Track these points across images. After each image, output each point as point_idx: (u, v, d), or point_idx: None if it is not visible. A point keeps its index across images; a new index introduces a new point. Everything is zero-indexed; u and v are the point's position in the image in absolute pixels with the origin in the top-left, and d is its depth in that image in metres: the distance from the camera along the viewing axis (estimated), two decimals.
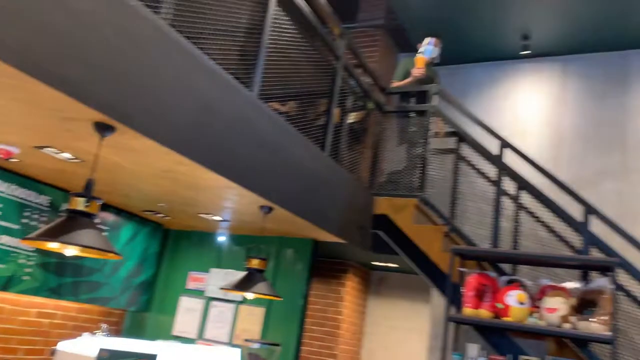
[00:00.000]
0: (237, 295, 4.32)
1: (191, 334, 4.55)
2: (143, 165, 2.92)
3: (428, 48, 5.00)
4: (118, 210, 4.42)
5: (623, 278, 3.87)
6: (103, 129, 2.33)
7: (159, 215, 4.46)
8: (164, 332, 4.60)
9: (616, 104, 5.45)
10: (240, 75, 3.00)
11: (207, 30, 2.77)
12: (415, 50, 5.16)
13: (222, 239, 4.77)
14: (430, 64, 5.05)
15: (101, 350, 1.97)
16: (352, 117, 4.63)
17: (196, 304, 4.65)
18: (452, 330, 3.81)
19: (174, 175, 3.03)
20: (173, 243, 4.96)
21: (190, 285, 4.75)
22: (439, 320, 4.15)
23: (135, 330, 4.76)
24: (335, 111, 4.12)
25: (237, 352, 2.86)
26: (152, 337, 4.59)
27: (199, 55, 2.67)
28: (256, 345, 3.18)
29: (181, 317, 4.66)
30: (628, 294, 3.91)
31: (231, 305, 4.53)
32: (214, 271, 4.70)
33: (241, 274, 4.43)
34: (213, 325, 4.52)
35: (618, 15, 5.10)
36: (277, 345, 3.26)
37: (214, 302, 4.59)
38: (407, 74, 4.99)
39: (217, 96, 2.80)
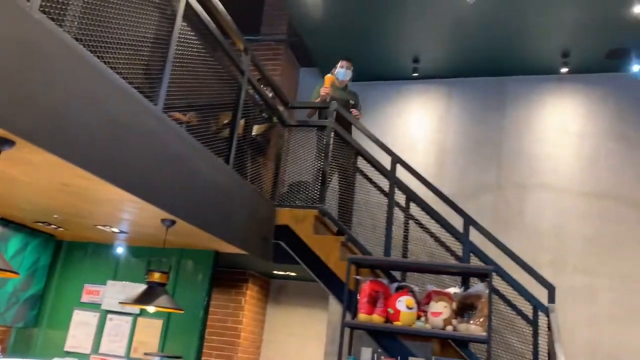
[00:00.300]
0: (135, 307, 4.25)
1: (85, 349, 4.39)
2: (41, 179, 2.84)
3: (340, 71, 5.25)
4: (6, 222, 4.18)
5: (498, 283, 4.33)
6: (1, 142, 2.26)
7: (51, 226, 4.28)
8: (55, 349, 4.40)
9: (493, 125, 6.05)
10: (145, 89, 3.02)
11: (112, 45, 2.76)
12: (321, 67, 5.42)
13: (119, 250, 4.66)
14: (346, 86, 5.31)
15: None
16: (255, 130, 4.75)
17: (91, 317, 4.50)
18: (348, 335, 4.04)
19: (73, 189, 2.97)
20: (66, 255, 4.75)
21: (85, 298, 4.59)
22: (336, 326, 4.37)
23: (22, 348, 4.50)
24: (240, 124, 4.22)
25: None
26: (42, 354, 4.39)
27: (104, 70, 2.66)
28: (156, 359, 3.18)
29: (74, 331, 4.48)
30: (502, 297, 4.38)
31: (128, 318, 4.44)
32: (111, 283, 4.58)
33: (140, 287, 4.37)
34: (109, 339, 4.40)
35: (496, 46, 5.68)
36: (178, 357, 3.28)
37: (111, 315, 4.48)
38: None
39: (122, 110, 2.80)
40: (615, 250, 5.31)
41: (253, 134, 4.69)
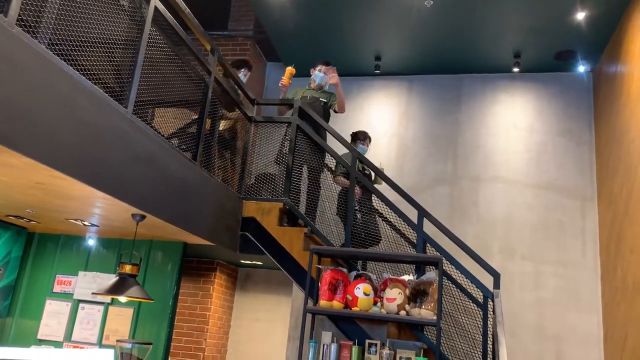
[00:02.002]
0: (107, 297, 4.44)
1: (58, 337, 4.56)
2: (17, 178, 3.00)
3: (318, 75, 5.38)
4: None
5: (452, 270, 4.66)
6: None
7: (23, 219, 4.41)
8: (28, 337, 4.56)
9: (450, 120, 6.38)
10: (116, 93, 3.19)
11: (84, 51, 2.93)
12: (287, 63, 5.58)
13: (90, 242, 4.82)
14: (322, 88, 5.43)
15: None
16: (222, 126, 4.94)
17: (63, 307, 4.67)
18: (310, 320, 4.32)
19: (47, 186, 3.14)
20: (38, 246, 4.89)
21: (57, 288, 4.74)
22: (299, 312, 4.64)
23: None
24: (207, 121, 4.41)
25: (110, 352, 3.06)
26: (15, 342, 4.54)
27: (77, 76, 2.83)
28: (129, 345, 3.39)
29: (47, 320, 4.65)
30: (455, 283, 4.71)
31: (100, 307, 4.62)
32: (82, 274, 4.74)
33: (111, 277, 4.57)
34: (81, 328, 4.58)
35: (454, 46, 5.99)
36: (149, 344, 3.50)
37: (82, 305, 4.65)
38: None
39: (95, 114, 2.97)
40: (559, 238, 5.73)
41: (220, 129, 4.87)
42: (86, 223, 4.26)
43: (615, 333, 4.98)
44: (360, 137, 5.36)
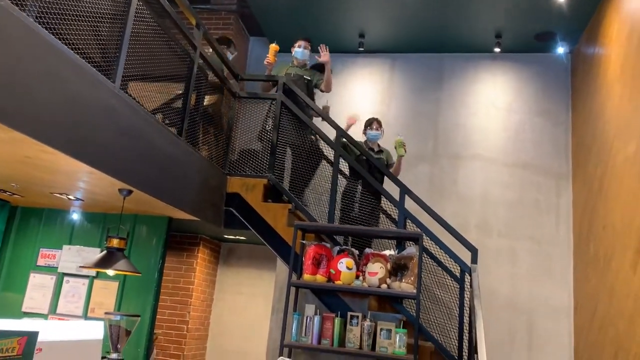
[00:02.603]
0: (94, 271, 4.48)
1: (43, 310, 4.60)
2: (5, 152, 3.00)
3: (298, 51, 5.37)
4: None
5: (431, 245, 4.80)
6: None
7: (6, 193, 4.40)
8: (13, 310, 4.58)
9: (431, 99, 6.47)
10: (103, 67, 3.19)
11: (72, 25, 2.91)
12: (270, 37, 5.55)
13: (75, 216, 4.83)
14: (305, 66, 5.43)
15: None
16: (207, 102, 4.95)
17: (48, 280, 4.69)
18: (294, 293, 4.43)
19: (35, 161, 3.14)
20: (21, 220, 4.87)
21: (41, 261, 4.76)
22: (283, 286, 4.74)
23: None
24: (192, 96, 4.42)
25: (101, 324, 3.12)
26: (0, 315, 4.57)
27: (65, 50, 2.82)
28: (117, 317, 3.45)
29: (31, 293, 4.67)
30: (434, 258, 4.86)
31: (85, 280, 4.65)
32: (67, 248, 4.76)
33: (95, 251, 4.61)
34: (66, 301, 4.62)
35: (436, 25, 6.05)
36: (137, 316, 3.56)
37: (67, 278, 4.68)
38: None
39: (83, 89, 2.98)
40: (533, 216, 5.91)
41: (205, 104, 4.88)
42: (71, 197, 4.27)
43: (585, 305, 5.21)
44: (366, 124, 5.29)
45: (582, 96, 5.81)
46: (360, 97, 6.64)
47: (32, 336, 2.23)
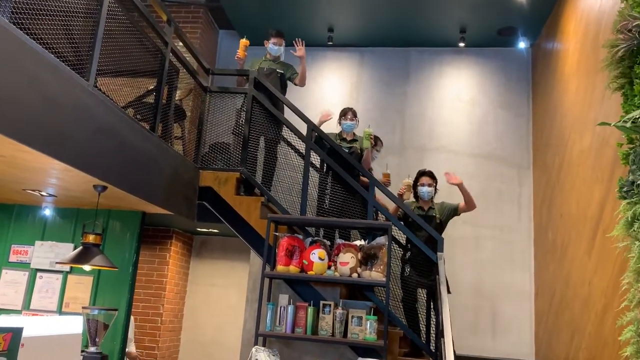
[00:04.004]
0: (70, 266, 4.51)
1: (16, 306, 4.60)
2: None
3: (273, 48, 5.41)
4: None
5: (400, 235, 4.98)
6: None
7: None
8: None
9: (399, 92, 6.65)
10: (77, 66, 3.22)
11: (45, 24, 2.94)
12: (239, 31, 5.57)
13: (47, 212, 4.82)
14: (278, 59, 5.49)
15: None
16: (178, 96, 4.99)
17: (20, 276, 4.69)
18: (267, 284, 4.54)
19: (9, 159, 3.17)
20: None
21: (13, 258, 4.75)
22: (256, 277, 4.85)
23: None
24: (164, 91, 4.47)
25: (80, 319, 3.19)
26: None
27: (40, 49, 2.85)
28: (95, 312, 3.51)
29: (4, 289, 4.66)
30: (401, 246, 5.05)
31: (59, 276, 4.67)
32: (39, 244, 4.76)
33: (68, 246, 4.63)
34: (40, 296, 4.63)
35: (403, 19, 6.20)
36: (114, 310, 3.63)
37: (40, 274, 4.69)
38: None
39: (58, 87, 3.01)
40: (497, 204, 6.17)
41: (176, 99, 4.92)
42: (44, 193, 4.27)
43: (545, 290, 5.49)
44: (341, 114, 5.32)
45: (541, 89, 6.07)
46: (330, 90, 6.76)
47: (16, 332, 2.30)
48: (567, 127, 5.02)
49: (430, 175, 5.00)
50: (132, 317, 5.18)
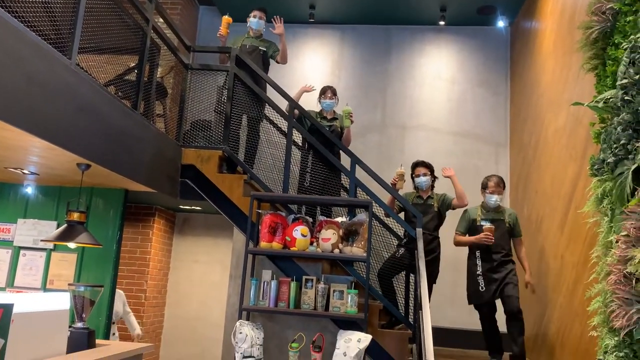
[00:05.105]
0: (55, 244, 4.53)
1: (0, 283, 4.63)
2: None
3: (253, 21, 5.40)
4: None
5: (378, 211, 5.08)
6: None
7: None
8: None
9: (380, 71, 6.70)
10: (59, 44, 3.21)
11: (28, 4, 2.92)
12: (220, 7, 5.52)
13: (29, 190, 4.82)
14: (261, 36, 5.47)
15: None
16: (159, 74, 4.97)
17: (3, 254, 4.70)
18: (251, 260, 4.63)
19: None
20: None
21: None
22: (240, 253, 4.93)
23: None
24: (145, 68, 4.46)
25: (67, 295, 3.23)
26: None
27: (22, 28, 2.84)
28: (81, 288, 3.55)
29: None
30: (383, 224, 5.16)
31: (42, 253, 4.69)
32: (22, 221, 4.76)
33: (51, 224, 4.65)
34: (24, 274, 4.66)
35: None
36: (100, 286, 3.67)
37: (24, 251, 4.70)
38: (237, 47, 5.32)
39: (39, 66, 3.00)
40: (475, 181, 6.28)
41: (157, 77, 4.91)
42: (26, 171, 4.27)
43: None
44: (321, 92, 5.32)
45: (519, 68, 6.17)
46: (311, 68, 6.78)
47: (7, 308, 2.36)
48: (543, 106, 5.15)
49: (425, 164, 5.03)
50: (121, 292, 5.24)
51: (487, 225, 4.56)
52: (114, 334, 4.99)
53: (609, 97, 3.07)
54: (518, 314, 4.33)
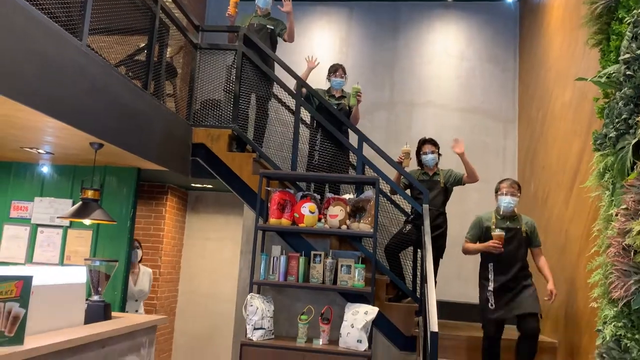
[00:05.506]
0: (71, 220, 4.68)
1: (19, 259, 4.79)
2: None
3: None
4: None
5: (385, 188, 5.16)
6: None
7: None
8: None
9: (388, 48, 6.70)
10: (70, 26, 3.29)
11: None
12: None
13: (44, 169, 4.95)
14: (269, 15, 5.49)
15: None
16: (169, 54, 5.04)
17: (22, 231, 4.86)
18: (261, 236, 4.75)
19: (10, 119, 3.27)
20: None
21: (14, 214, 4.90)
22: (250, 230, 5.04)
23: None
24: (155, 49, 4.53)
25: (84, 269, 3.36)
26: None
27: (34, 11, 2.92)
28: (97, 263, 3.69)
29: (6, 244, 4.84)
30: (390, 200, 5.24)
31: (59, 230, 4.84)
32: (38, 200, 4.91)
33: (67, 202, 4.79)
34: (42, 250, 4.82)
35: None
36: (115, 261, 3.81)
37: (41, 229, 4.86)
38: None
39: (52, 48, 3.09)
40: (482, 157, 6.34)
41: (167, 57, 4.98)
42: (41, 151, 4.39)
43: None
44: (331, 71, 5.36)
45: (528, 44, 6.14)
46: (319, 46, 6.80)
47: (27, 280, 2.48)
48: (551, 82, 5.15)
49: (432, 142, 5.02)
50: (150, 271, 5.39)
51: (496, 232, 4.03)
52: (136, 310, 5.15)
53: (612, 72, 3.09)
54: (534, 336, 3.87)
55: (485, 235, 4.17)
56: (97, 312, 3.42)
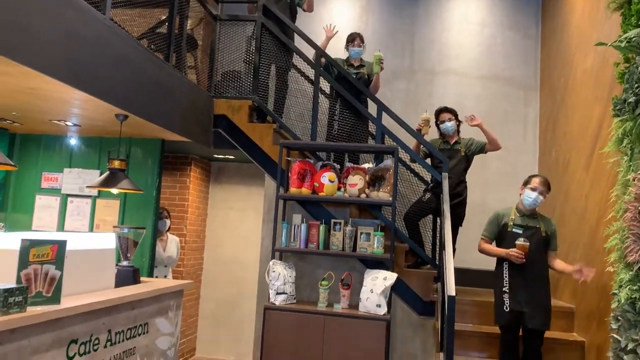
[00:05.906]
0: (93, 190, 4.85)
1: (52, 228, 5.00)
2: (10, 84, 3.24)
3: None
4: None
5: (404, 156, 5.20)
6: None
7: (6, 121, 4.64)
8: (24, 228, 4.97)
9: (408, 15, 6.64)
10: (94, 1, 3.37)
11: None
12: None
13: (72, 141, 5.11)
14: None
15: (23, 240, 2.50)
16: (189, 26, 5.10)
17: (53, 201, 5.05)
18: (282, 205, 4.86)
19: (38, 92, 3.40)
20: (21, 146, 5.15)
21: (45, 184, 5.10)
22: (271, 199, 5.15)
23: None
24: (175, 21, 4.59)
25: (113, 236, 3.52)
26: (13, 232, 4.95)
27: None
28: (125, 230, 3.84)
29: (39, 213, 5.05)
30: (410, 169, 5.28)
31: (88, 200, 5.02)
32: (67, 171, 5.08)
33: (94, 172, 4.95)
34: (72, 219, 5.01)
35: None
36: (142, 228, 3.96)
37: (71, 198, 5.04)
38: None
39: (76, 22, 3.18)
40: (503, 125, 6.31)
41: (187, 29, 5.03)
42: (68, 123, 4.53)
43: (546, 207, 5.73)
44: (348, 40, 5.36)
45: (550, 9, 6.03)
46: (338, 14, 6.77)
47: (62, 244, 2.63)
48: (572, 48, 5.07)
49: (449, 110, 5.03)
50: (177, 238, 5.57)
51: (520, 241, 3.83)
52: (165, 276, 5.34)
53: (632, 36, 3.06)
54: (540, 333, 3.83)
55: (502, 233, 4.04)
56: (127, 276, 3.58)
